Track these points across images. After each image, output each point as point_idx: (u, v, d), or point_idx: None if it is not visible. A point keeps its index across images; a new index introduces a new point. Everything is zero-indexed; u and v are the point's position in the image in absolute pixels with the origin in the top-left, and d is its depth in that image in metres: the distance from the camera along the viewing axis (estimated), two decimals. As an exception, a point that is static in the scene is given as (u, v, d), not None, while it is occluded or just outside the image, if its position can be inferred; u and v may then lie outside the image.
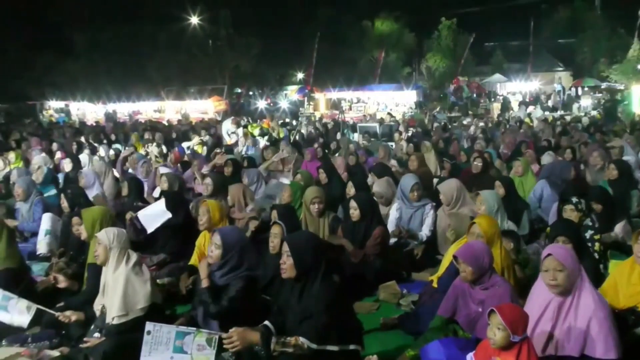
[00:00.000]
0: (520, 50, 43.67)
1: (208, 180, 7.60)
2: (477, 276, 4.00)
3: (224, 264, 4.34)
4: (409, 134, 17.38)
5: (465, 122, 22.14)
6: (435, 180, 9.24)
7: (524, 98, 34.87)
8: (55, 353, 4.40)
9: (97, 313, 4.60)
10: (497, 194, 6.47)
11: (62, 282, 5.32)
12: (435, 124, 21.71)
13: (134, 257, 4.52)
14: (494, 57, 44.26)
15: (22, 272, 5.28)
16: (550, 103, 32.92)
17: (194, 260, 5.85)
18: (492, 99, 34.91)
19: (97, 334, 4.45)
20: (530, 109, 29.26)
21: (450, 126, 20.80)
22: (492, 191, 6.55)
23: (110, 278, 4.45)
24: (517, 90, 37.67)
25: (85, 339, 4.43)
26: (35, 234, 7.36)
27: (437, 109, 31.44)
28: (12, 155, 11.66)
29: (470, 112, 30.46)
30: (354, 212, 6.10)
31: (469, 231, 4.85)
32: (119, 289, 4.34)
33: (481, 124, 19.38)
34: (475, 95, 34.95)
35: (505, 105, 31.13)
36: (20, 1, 43.24)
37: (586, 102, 32.28)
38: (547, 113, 27.72)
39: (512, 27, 44.02)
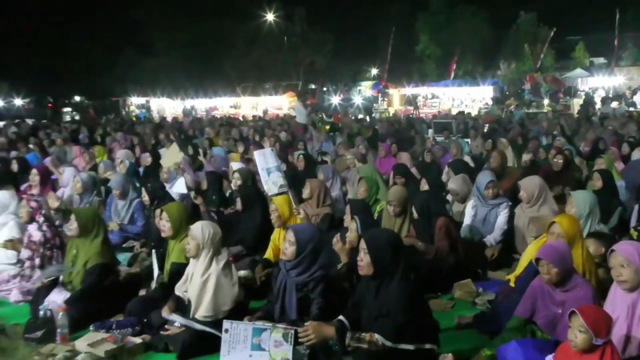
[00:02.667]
0: (604, 44, 41.79)
1: (237, 175, 7.82)
2: (561, 277, 3.89)
3: (299, 262, 4.36)
4: (485, 130, 17.04)
5: (543, 118, 21.49)
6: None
7: (607, 94, 33.44)
8: (138, 340, 4.55)
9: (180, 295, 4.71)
10: (591, 196, 6.00)
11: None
12: (512, 121, 21.17)
13: (224, 256, 4.60)
14: (575, 51, 42.61)
15: (112, 266, 5.48)
16: (636, 99, 31.41)
17: (268, 254, 5.94)
18: (573, 95, 33.65)
19: (177, 324, 4.58)
20: (614, 104, 28.04)
21: (527, 122, 20.23)
22: (585, 192, 6.25)
23: (199, 274, 4.53)
24: (599, 86, 36.16)
25: (166, 326, 4.59)
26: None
27: (514, 105, 30.62)
28: (97, 150, 12.15)
29: (549, 108, 29.50)
30: (413, 211, 6.08)
31: (548, 230, 4.71)
32: (208, 291, 4.43)
33: (562, 121, 18.72)
34: (554, 90, 33.80)
35: (588, 101, 29.94)
36: (104, 2, 45.05)
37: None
38: (631, 109, 26.50)
39: (596, 20, 42.19)
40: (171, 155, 7.54)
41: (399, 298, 3.58)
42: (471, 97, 34.84)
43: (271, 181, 6.55)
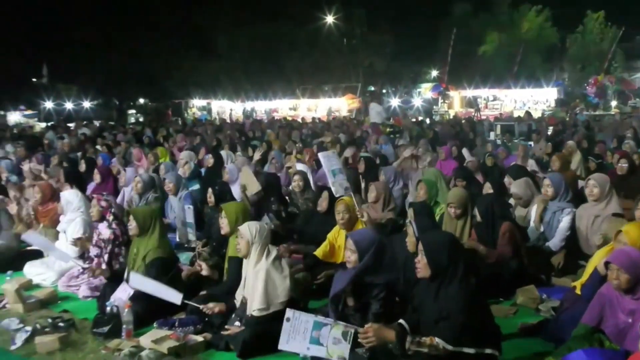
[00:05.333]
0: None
1: (297, 177, 7.87)
2: (632, 285, 3.76)
3: (361, 270, 4.33)
4: (549, 133, 16.63)
5: (610, 121, 20.82)
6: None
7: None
8: (199, 338, 4.65)
9: (238, 304, 4.81)
10: None
11: (205, 271, 5.61)
12: (578, 123, 20.59)
13: (274, 251, 4.71)
14: (646, 50, 41.17)
15: (172, 261, 5.59)
16: None
17: (320, 251, 5.95)
18: (643, 97, 32.49)
19: (237, 323, 4.67)
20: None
21: (593, 125, 19.63)
22: None
23: (251, 272, 4.64)
24: (672, 87, 34.77)
25: (226, 326, 4.68)
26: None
27: (579, 108, 29.77)
28: (159, 151, 12.43)
29: (616, 110, 28.56)
30: (476, 215, 5.98)
31: (615, 238, 4.56)
32: (260, 284, 4.52)
33: (634, 123, 18.04)
34: (623, 91, 32.72)
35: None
36: (168, 7, 46.14)
37: None
38: None
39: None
40: (249, 183, 7.66)
41: (459, 300, 3.54)
42: (534, 99, 34.08)
43: (337, 182, 6.55)
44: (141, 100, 52.89)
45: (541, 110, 30.43)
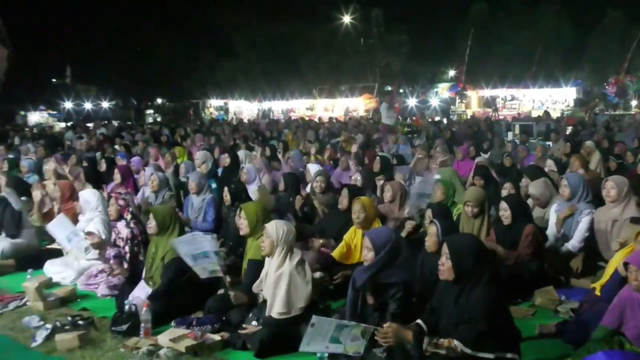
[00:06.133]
0: None
1: (320, 177, 7.90)
2: (652, 286, 3.72)
3: (378, 265, 4.32)
4: (567, 132, 16.48)
5: (630, 120, 20.57)
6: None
7: None
8: (217, 337, 4.65)
9: (257, 294, 4.81)
10: None
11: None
12: (597, 123, 20.39)
13: (297, 254, 4.67)
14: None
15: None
16: None
17: (336, 252, 5.94)
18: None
19: (254, 322, 4.68)
20: None
21: (613, 125, 19.42)
22: None
23: (273, 271, 4.61)
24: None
25: (244, 325, 4.68)
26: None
27: (598, 108, 29.45)
28: (177, 150, 12.50)
29: (637, 110, 28.21)
30: (505, 213, 5.90)
31: (635, 239, 4.52)
32: (282, 288, 4.50)
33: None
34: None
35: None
36: (185, 8, 46.46)
37: None
38: None
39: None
40: (265, 199, 7.72)
41: (482, 306, 3.51)
42: (553, 99, 33.79)
43: (415, 205, 6.65)
44: (159, 100, 53.24)
45: (560, 110, 30.16)
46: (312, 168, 9.24)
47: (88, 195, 6.92)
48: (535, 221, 6.64)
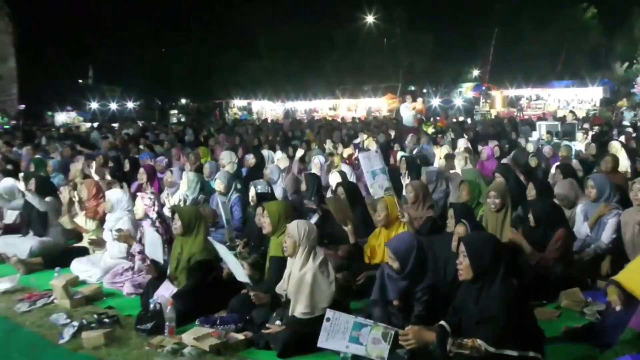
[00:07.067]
0: None
1: (340, 189, 7.69)
2: (680, 289, 3.66)
3: (406, 275, 4.34)
4: (593, 132, 16.25)
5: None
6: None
7: None
8: (240, 336, 4.68)
9: (283, 297, 4.82)
10: None
11: (246, 270, 5.64)
12: (624, 122, 20.07)
13: (320, 254, 4.68)
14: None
15: (214, 263, 5.64)
16: None
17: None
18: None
19: (278, 322, 4.69)
20: None
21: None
22: None
23: (296, 272, 4.62)
24: None
25: (267, 324, 4.69)
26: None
27: (625, 107, 28.97)
28: (201, 150, 12.57)
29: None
30: (530, 217, 5.88)
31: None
32: (306, 288, 4.51)
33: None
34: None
35: None
36: (209, 7, 46.74)
37: None
38: None
39: None
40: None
41: (501, 301, 3.50)
42: (578, 99, 33.37)
43: (377, 184, 6.52)
44: (183, 101, 53.66)
45: (586, 110, 29.77)
46: (333, 179, 8.87)
47: (120, 195, 6.98)
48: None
